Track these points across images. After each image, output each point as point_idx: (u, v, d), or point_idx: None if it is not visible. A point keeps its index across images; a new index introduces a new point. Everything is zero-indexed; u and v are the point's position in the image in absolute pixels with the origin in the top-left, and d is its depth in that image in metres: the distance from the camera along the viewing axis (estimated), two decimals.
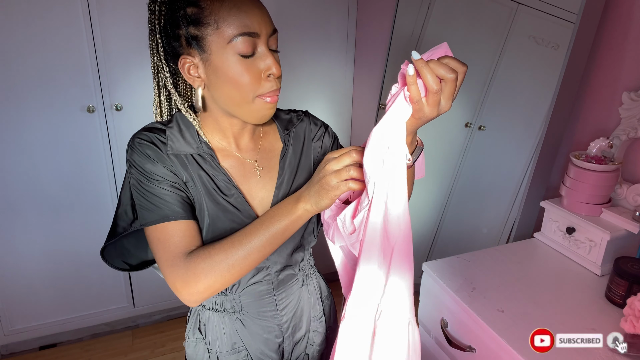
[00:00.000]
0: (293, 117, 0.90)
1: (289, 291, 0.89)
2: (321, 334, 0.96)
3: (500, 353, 0.96)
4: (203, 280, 0.69)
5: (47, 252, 1.93)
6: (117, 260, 0.88)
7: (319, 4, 2.02)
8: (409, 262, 0.67)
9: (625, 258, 1.07)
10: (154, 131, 0.76)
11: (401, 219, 0.65)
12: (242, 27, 0.67)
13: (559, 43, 1.44)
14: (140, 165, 0.74)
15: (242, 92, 0.70)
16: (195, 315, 0.91)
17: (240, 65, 0.68)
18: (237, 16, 0.66)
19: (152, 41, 0.73)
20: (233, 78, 0.69)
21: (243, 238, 0.71)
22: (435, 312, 1.18)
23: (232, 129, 0.79)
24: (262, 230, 0.71)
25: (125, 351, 2.10)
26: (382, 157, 0.62)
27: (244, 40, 0.67)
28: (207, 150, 0.78)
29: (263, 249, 0.71)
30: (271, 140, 0.86)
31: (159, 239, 0.73)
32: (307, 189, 0.70)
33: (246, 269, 0.72)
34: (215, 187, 0.78)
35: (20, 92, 1.68)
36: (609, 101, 1.34)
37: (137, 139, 0.75)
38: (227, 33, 0.67)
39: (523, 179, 1.60)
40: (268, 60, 0.70)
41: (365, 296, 0.69)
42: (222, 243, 0.71)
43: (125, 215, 0.83)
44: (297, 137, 0.88)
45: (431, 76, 0.56)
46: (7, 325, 1.97)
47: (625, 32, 1.28)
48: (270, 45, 0.71)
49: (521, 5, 1.59)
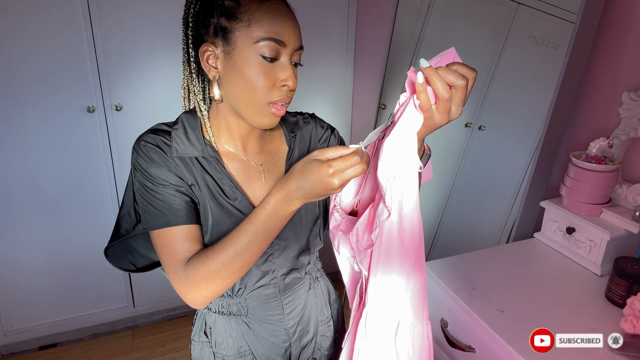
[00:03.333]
0: (299, 119, 0.90)
1: (296, 295, 0.88)
2: (329, 338, 0.96)
3: (500, 353, 0.96)
4: (204, 287, 0.70)
5: (47, 252, 1.92)
6: (124, 260, 0.87)
7: (319, 4, 2.02)
8: (423, 268, 0.68)
9: (625, 258, 1.07)
10: (159, 133, 0.76)
11: (415, 228, 0.65)
12: (272, 33, 0.67)
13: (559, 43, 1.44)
14: (145, 169, 0.73)
15: (254, 94, 0.70)
16: (201, 318, 0.90)
17: (260, 67, 0.69)
18: (271, 21, 0.67)
19: (184, 24, 0.73)
20: (249, 77, 0.69)
21: (237, 244, 0.70)
22: (435, 312, 1.18)
23: (240, 131, 0.79)
24: (254, 233, 0.70)
25: (125, 351, 2.09)
26: (396, 168, 0.62)
27: (270, 44, 0.68)
28: (212, 153, 0.77)
29: (258, 251, 0.71)
30: (277, 144, 0.86)
31: (162, 244, 0.73)
32: (298, 187, 0.67)
33: (244, 270, 0.72)
34: (220, 191, 0.77)
35: (21, 92, 1.68)
36: (609, 101, 1.34)
37: (143, 141, 0.74)
38: (256, 33, 0.67)
39: (523, 179, 1.60)
40: (287, 72, 0.70)
41: (386, 310, 0.69)
42: (217, 249, 0.71)
43: (129, 217, 0.82)
44: (302, 139, 0.88)
45: (441, 84, 0.56)
46: (7, 325, 1.97)
47: (625, 32, 1.28)
48: (293, 58, 0.71)
49: (521, 5, 1.59)
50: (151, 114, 1.82)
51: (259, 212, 0.69)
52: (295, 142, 0.87)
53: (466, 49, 1.86)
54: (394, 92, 2.18)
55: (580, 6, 1.26)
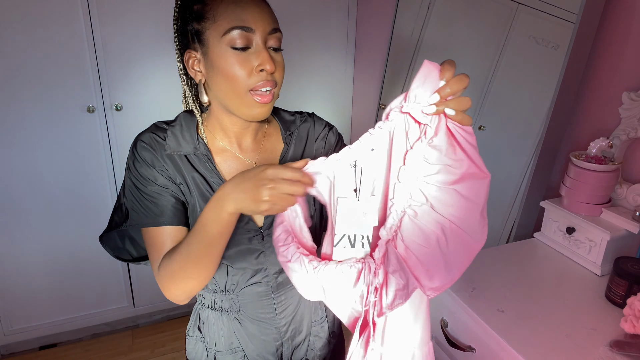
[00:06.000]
0: (297, 118, 0.90)
1: (289, 294, 0.88)
2: (322, 339, 0.95)
3: (500, 353, 0.96)
4: (172, 285, 0.72)
5: (47, 252, 1.93)
6: (122, 250, 0.88)
7: (319, 4, 2.02)
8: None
9: (625, 258, 1.07)
10: (156, 131, 0.78)
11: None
12: (237, 21, 0.68)
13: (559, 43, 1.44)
14: (136, 168, 0.76)
15: (235, 85, 0.70)
16: (196, 313, 0.91)
17: (233, 57, 0.69)
18: (234, 10, 0.68)
19: (174, 39, 0.76)
20: (225, 70, 0.70)
21: (187, 247, 0.70)
22: (435, 312, 1.18)
23: (234, 128, 0.79)
24: (197, 238, 0.69)
25: (125, 351, 2.09)
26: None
27: (237, 33, 0.68)
28: (204, 151, 0.78)
29: (209, 255, 0.70)
30: (273, 142, 0.86)
31: (147, 242, 0.76)
32: (234, 188, 0.64)
33: (204, 273, 0.71)
34: (209, 189, 0.78)
35: (21, 92, 1.68)
36: (609, 101, 1.34)
37: (139, 141, 0.76)
38: (222, 26, 0.68)
39: (523, 179, 1.60)
40: (261, 56, 0.69)
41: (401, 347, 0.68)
42: (176, 250, 0.71)
43: (120, 212, 0.83)
44: (299, 138, 0.88)
45: (457, 104, 0.59)
46: (7, 325, 1.97)
47: (625, 32, 1.28)
48: (269, 43, 0.71)
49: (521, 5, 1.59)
50: (151, 114, 1.82)
51: (202, 215, 0.68)
52: (292, 140, 0.87)
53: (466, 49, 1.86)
54: (394, 92, 2.18)
55: (580, 6, 1.26)
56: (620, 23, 1.29)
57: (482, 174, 0.60)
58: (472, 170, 0.60)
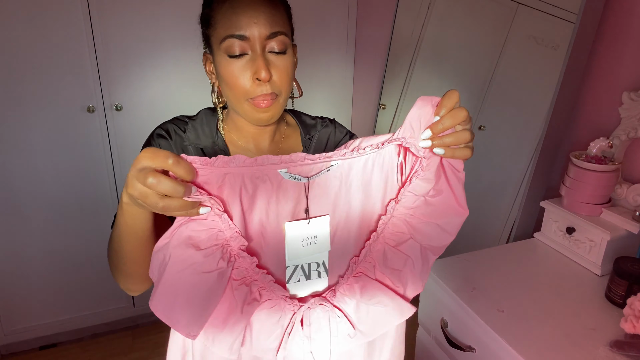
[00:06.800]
0: (318, 122, 0.89)
1: None
2: None
3: (500, 353, 0.96)
4: (118, 281, 0.72)
5: (47, 252, 1.92)
6: None
7: (319, 4, 2.02)
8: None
9: (625, 258, 1.07)
10: (176, 122, 0.78)
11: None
12: (231, 29, 0.67)
13: (559, 43, 1.44)
14: None
15: (234, 92, 0.70)
16: None
17: (230, 66, 0.69)
18: (230, 18, 0.67)
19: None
20: (225, 77, 0.70)
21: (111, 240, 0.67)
22: (435, 312, 1.18)
23: (248, 129, 0.79)
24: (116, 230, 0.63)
25: (125, 351, 2.09)
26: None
27: (231, 42, 0.67)
28: (222, 146, 0.78)
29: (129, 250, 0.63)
30: (292, 144, 0.86)
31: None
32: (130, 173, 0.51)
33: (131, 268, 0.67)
34: None
35: (20, 92, 1.67)
36: (609, 101, 1.34)
37: (158, 129, 0.77)
38: (219, 34, 0.68)
39: (523, 179, 1.60)
40: (256, 64, 0.68)
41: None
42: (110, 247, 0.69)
43: None
44: (319, 142, 0.87)
45: (454, 139, 0.58)
46: (7, 325, 1.97)
47: (625, 32, 1.28)
48: (269, 47, 0.69)
49: (521, 5, 1.59)
50: (151, 114, 1.82)
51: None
52: (312, 144, 0.86)
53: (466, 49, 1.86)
54: (394, 92, 2.18)
55: (580, 6, 1.26)
56: (620, 23, 1.29)
57: (461, 210, 0.62)
58: (451, 203, 0.61)
